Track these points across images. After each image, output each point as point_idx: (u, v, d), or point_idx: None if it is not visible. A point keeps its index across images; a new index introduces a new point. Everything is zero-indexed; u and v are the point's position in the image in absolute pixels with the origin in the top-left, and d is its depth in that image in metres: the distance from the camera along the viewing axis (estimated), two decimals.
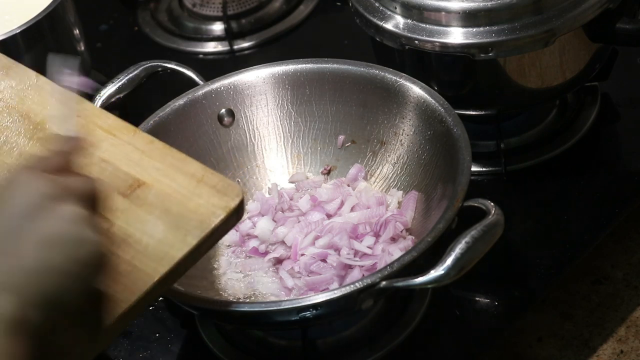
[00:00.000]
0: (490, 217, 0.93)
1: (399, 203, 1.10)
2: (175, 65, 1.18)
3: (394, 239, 1.06)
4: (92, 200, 0.75)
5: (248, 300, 1.04)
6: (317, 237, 1.06)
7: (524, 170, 1.20)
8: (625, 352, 1.07)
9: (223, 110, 1.16)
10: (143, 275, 0.82)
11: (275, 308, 0.92)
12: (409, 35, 1.12)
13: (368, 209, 1.09)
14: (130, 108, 1.36)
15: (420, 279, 0.90)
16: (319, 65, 1.15)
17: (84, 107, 0.95)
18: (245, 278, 1.07)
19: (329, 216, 1.10)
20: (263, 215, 1.11)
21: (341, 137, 1.16)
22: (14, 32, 1.23)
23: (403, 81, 1.10)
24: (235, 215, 0.86)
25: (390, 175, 1.13)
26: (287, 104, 1.16)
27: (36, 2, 1.28)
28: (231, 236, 1.11)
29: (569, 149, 1.22)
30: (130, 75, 1.16)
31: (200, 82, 1.16)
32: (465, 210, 0.96)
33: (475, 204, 0.96)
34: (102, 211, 0.77)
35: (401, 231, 1.06)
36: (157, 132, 1.12)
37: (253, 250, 1.09)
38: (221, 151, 1.16)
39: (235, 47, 1.51)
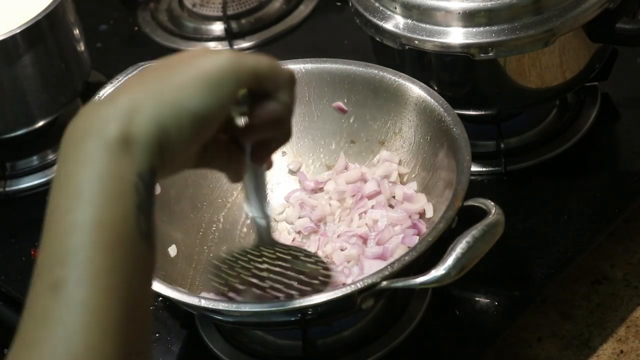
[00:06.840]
0: (490, 216, 0.93)
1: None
2: None
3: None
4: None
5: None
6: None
7: (524, 170, 1.20)
8: (625, 352, 1.07)
9: None
10: None
11: (275, 308, 0.92)
12: (409, 35, 1.12)
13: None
14: None
15: (420, 279, 0.90)
16: (319, 65, 1.14)
17: None
18: None
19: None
20: None
21: (340, 134, 1.16)
22: (14, 32, 1.23)
23: (402, 81, 1.10)
24: None
25: None
26: None
27: (36, 2, 1.27)
28: None
29: (569, 149, 1.22)
30: (129, 76, 1.16)
31: None
32: (465, 210, 0.96)
33: (476, 204, 0.96)
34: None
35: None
36: None
37: None
38: None
39: (235, 47, 1.50)
